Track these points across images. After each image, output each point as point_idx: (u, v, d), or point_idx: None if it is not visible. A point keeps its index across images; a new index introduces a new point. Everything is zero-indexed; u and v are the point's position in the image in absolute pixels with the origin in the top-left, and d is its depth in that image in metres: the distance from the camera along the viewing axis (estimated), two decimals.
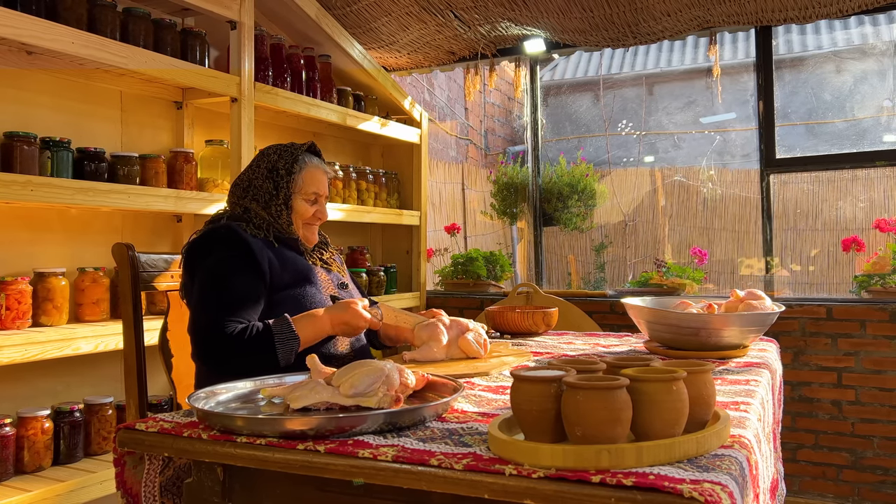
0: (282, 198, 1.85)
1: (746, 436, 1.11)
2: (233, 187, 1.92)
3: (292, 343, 1.63)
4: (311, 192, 1.89)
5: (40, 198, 2.05)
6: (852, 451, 3.07)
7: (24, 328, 2.13)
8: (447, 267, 4.06)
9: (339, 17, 3.45)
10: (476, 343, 1.82)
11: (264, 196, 1.86)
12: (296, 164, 1.88)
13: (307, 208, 1.89)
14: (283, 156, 1.89)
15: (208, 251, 1.75)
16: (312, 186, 1.89)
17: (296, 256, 1.86)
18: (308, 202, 1.89)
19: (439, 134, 5.93)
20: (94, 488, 2.14)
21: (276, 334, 1.62)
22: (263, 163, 1.89)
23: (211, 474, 1.16)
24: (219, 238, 1.76)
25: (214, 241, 1.76)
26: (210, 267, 1.72)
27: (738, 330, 1.81)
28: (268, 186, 1.86)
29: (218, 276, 1.70)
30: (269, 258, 1.76)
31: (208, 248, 1.75)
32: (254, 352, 1.61)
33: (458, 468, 0.97)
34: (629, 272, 5.27)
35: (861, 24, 5.98)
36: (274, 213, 1.85)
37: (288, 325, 1.64)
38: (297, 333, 1.63)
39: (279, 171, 1.87)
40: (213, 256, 1.73)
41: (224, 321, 1.63)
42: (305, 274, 1.83)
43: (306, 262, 1.88)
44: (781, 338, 3.10)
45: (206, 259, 1.74)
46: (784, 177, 4.40)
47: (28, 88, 2.32)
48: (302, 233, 1.90)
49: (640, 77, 6.84)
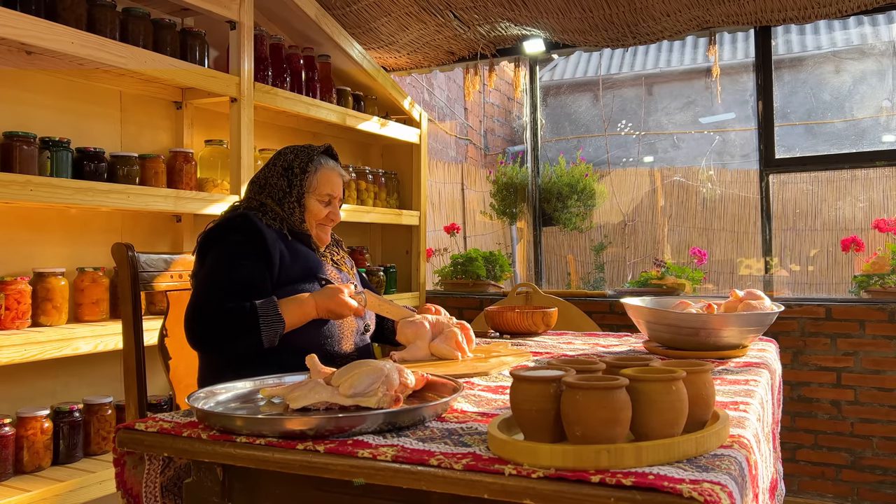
0: (295, 195, 1.87)
1: (746, 436, 1.11)
2: (250, 184, 1.96)
3: (277, 326, 1.65)
4: (324, 192, 1.90)
5: (40, 198, 2.05)
6: (851, 451, 3.07)
7: (24, 328, 2.13)
8: (447, 267, 4.06)
9: (339, 17, 3.46)
10: (448, 345, 1.80)
11: (278, 193, 1.88)
12: (311, 163, 1.90)
13: (320, 209, 1.90)
14: (300, 155, 1.92)
15: (222, 237, 1.77)
16: (326, 188, 1.91)
17: (308, 252, 1.87)
18: (321, 203, 1.91)
19: (439, 134, 5.93)
20: (94, 488, 2.14)
21: (261, 315, 1.64)
22: (280, 161, 1.92)
23: (210, 474, 1.16)
24: (233, 226, 1.78)
25: (229, 229, 1.78)
26: (220, 251, 1.75)
27: (737, 330, 1.81)
28: (282, 184, 1.89)
29: (225, 259, 1.73)
30: (280, 250, 1.78)
31: (222, 234, 1.78)
32: (239, 331, 1.63)
33: (457, 468, 0.97)
34: (628, 272, 5.27)
35: (860, 25, 5.98)
36: (287, 210, 1.87)
37: (274, 306, 1.66)
38: (282, 316, 1.66)
39: (294, 170, 1.89)
40: (225, 241, 1.76)
41: (218, 303, 1.65)
42: (315, 270, 1.85)
43: (318, 258, 1.89)
44: (781, 338, 3.10)
45: (219, 244, 1.76)
46: (783, 177, 4.40)
47: (27, 88, 2.32)
48: (315, 232, 1.92)
49: (640, 77, 6.85)
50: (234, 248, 1.74)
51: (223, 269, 1.72)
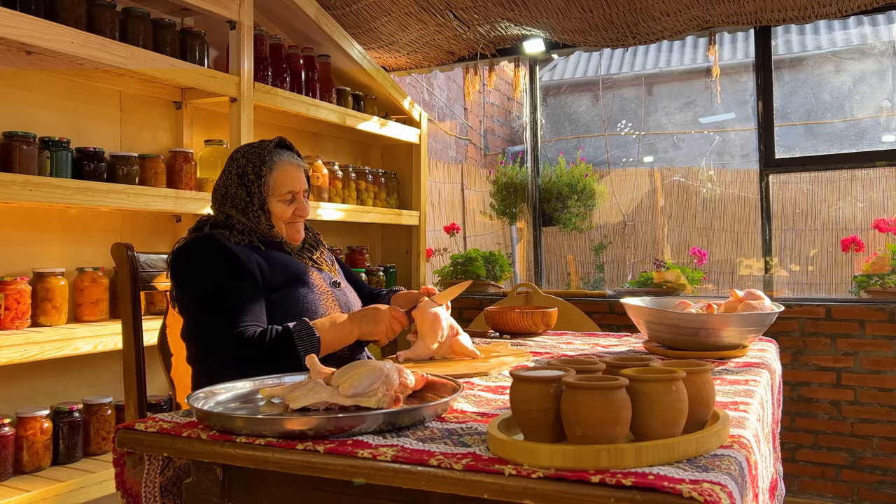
0: (256, 203, 1.80)
1: (746, 436, 1.11)
2: (213, 193, 1.88)
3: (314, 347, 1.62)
4: (285, 192, 1.82)
5: (39, 198, 2.04)
6: (851, 451, 3.07)
7: (23, 328, 2.13)
8: (446, 267, 4.06)
9: (339, 17, 3.45)
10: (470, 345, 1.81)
11: (240, 203, 1.81)
12: (263, 166, 1.81)
13: (285, 209, 1.83)
14: (251, 158, 1.83)
15: (193, 262, 1.72)
16: (286, 186, 1.83)
17: (285, 257, 1.83)
18: (284, 202, 1.83)
19: (439, 134, 5.93)
20: (94, 488, 2.13)
21: (296, 338, 1.61)
22: (233, 168, 1.84)
23: (210, 474, 1.16)
24: (203, 249, 1.73)
25: (199, 252, 1.73)
26: (200, 278, 1.69)
27: (737, 330, 1.81)
28: (241, 193, 1.81)
29: (212, 285, 1.68)
30: (257, 262, 1.74)
31: (193, 258, 1.73)
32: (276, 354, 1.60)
33: (457, 468, 0.97)
34: (628, 272, 5.27)
35: (860, 25, 5.98)
36: (253, 220, 1.81)
37: (310, 330, 1.63)
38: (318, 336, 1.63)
39: (248, 176, 1.81)
40: (202, 269, 1.70)
41: (235, 323, 1.62)
42: (297, 275, 1.81)
43: (297, 262, 1.85)
44: (781, 338, 3.10)
45: (193, 271, 1.71)
46: (783, 177, 4.40)
47: (27, 88, 2.32)
48: (286, 232, 1.85)
49: (640, 77, 6.85)
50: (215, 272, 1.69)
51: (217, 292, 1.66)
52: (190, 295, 1.70)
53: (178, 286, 1.75)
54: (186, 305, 1.71)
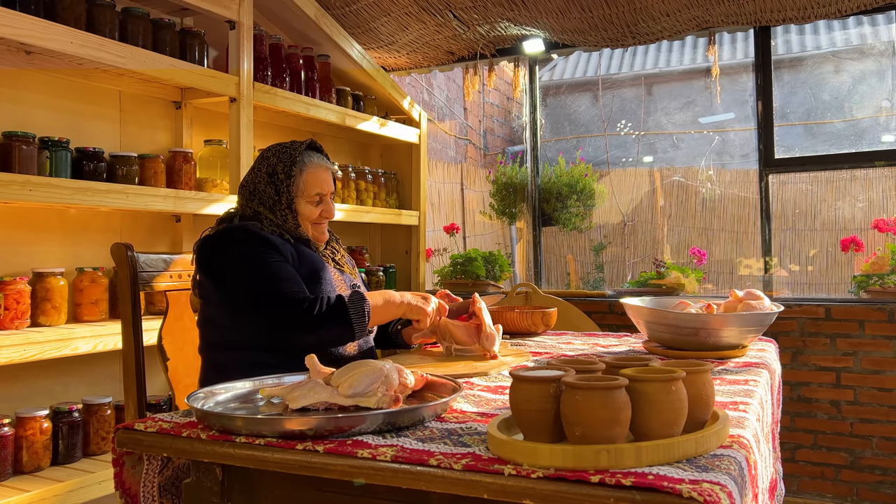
0: (285, 202, 1.83)
1: (745, 436, 1.11)
2: (240, 189, 1.91)
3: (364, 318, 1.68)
4: (313, 193, 1.86)
5: (39, 198, 2.04)
6: (851, 451, 3.07)
7: (23, 328, 2.13)
8: (446, 267, 4.06)
9: (338, 17, 3.45)
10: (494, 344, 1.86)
11: (268, 201, 1.84)
12: (294, 166, 1.84)
13: (312, 210, 1.87)
14: (282, 158, 1.86)
15: (225, 249, 1.73)
16: (315, 188, 1.86)
17: (311, 253, 1.86)
18: (312, 203, 1.86)
19: (438, 134, 5.92)
20: (93, 488, 2.13)
21: (350, 308, 1.66)
22: (263, 166, 1.87)
23: (210, 474, 1.16)
24: (236, 238, 1.74)
25: (231, 241, 1.74)
26: (243, 257, 1.71)
27: (736, 330, 1.81)
28: (270, 192, 1.84)
29: (257, 260, 1.70)
30: (290, 251, 1.78)
31: (225, 246, 1.74)
32: (333, 322, 1.64)
33: (456, 468, 0.97)
34: (628, 272, 5.27)
35: (860, 25, 5.98)
36: (280, 218, 1.84)
37: (361, 299, 1.69)
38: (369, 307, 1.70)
39: (279, 175, 1.84)
40: (242, 248, 1.72)
41: (288, 291, 1.66)
42: (322, 272, 1.83)
43: (322, 260, 1.88)
44: (780, 338, 3.10)
45: (231, 251, 1.72)
46: (783, 177, 4.40)
47: (26, 88, 2.32)
48: (311, 232, 1.89)
49: (639, 77, 6.84)
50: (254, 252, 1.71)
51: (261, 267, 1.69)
52: (233, 273, 1.70)
53: (208, 270, 1.75)
54: (229, 283, 1.72)
